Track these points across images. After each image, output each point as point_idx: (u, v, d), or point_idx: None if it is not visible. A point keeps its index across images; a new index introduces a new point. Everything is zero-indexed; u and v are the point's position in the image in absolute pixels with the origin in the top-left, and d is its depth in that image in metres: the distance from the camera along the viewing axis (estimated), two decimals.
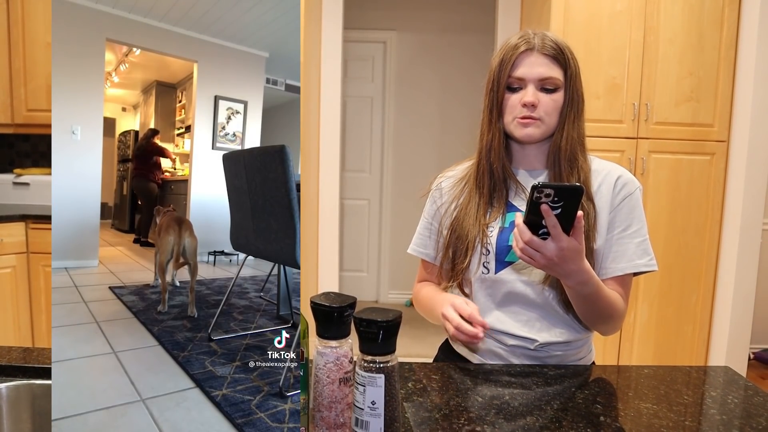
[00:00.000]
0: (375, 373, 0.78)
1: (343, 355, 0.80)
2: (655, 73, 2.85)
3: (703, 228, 2.95)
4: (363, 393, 0.78)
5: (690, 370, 1.23)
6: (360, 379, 0.79)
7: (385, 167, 4.85)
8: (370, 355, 0.78)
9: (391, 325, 0.77)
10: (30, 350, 1.14)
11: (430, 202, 1.36)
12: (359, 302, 0.84)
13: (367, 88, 4.81)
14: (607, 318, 1.18)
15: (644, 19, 2.82)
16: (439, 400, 1.01)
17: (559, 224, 0.96)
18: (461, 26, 4.63)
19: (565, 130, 1.20)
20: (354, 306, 0.81)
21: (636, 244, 1.21)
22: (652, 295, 2.96)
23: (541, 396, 1.03)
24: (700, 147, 2.91)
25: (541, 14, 3.03)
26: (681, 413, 0.97)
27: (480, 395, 1.04)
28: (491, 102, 1.21)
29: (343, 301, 0.80)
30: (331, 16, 3.49)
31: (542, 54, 1.17)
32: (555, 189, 0.92)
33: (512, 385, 1.08)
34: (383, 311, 0.79)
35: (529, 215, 0.97)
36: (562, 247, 0.98)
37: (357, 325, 0.78)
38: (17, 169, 3.29)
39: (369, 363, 0.78)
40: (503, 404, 0.99)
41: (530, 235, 0.99)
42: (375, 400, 0.78)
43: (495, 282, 1.23)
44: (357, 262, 4.95)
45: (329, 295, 0.81)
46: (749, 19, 2.80)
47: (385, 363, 0.78)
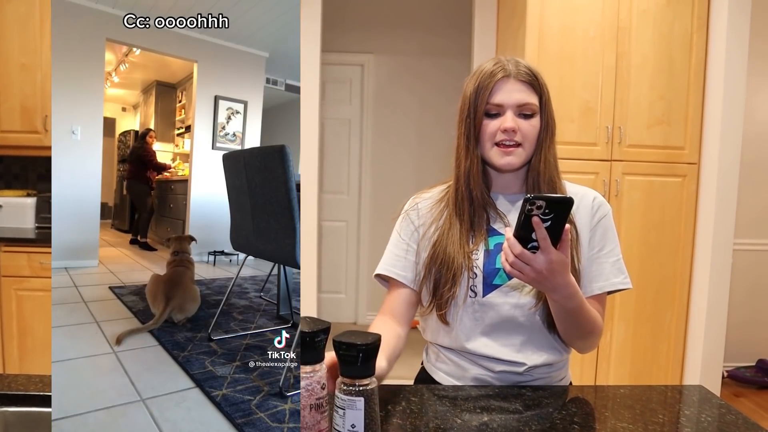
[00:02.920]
0: (355, 396, 0.78)
1: (315, 382, 0.79)
2: (627, 97, 2.91)
3: (676, 248, 3.00)
4: (343, 416, 0.78)
5: (665, 389, 1.24)
6: (340, 402, 0.78)
7: (363, 189, 4.86)
8: (349, 377, 0.78)
9: (370, 348, 0.77)
10: (3, 376, 1.11)
11: (406, 223, 1.31)
12: (338, 324, 0.84)
13: (345, 110, 4.84)
14: (587, 334, 1.19)
15: (616, 44, 2.89)
16: (419, 422, 1.01)
17: (548, 237, 0.97)
18: (438, 49, 4.69)
19: (542, 154, 1.21)
20: (327, 332, 0.80)
21: (611, 263, 1.23)
22: (627, 314, 3.00)
23: (520, 417, 1.03)
24: (671, 169, 2.97)
25: (516, 38, 3.09)
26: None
27: (459, 417, 1.03)
28: (467, 129, 1.21)
29: (316, 326, 0.79)
30: (309, 38, 3.52)
31: (518, 80, 1.18)
32: (546, 201, 0.94)
33: (491, 407, 1.08)
34: (363, 334, 0.79)
35: (520, 229, 0.98)
36: (551, 260, 0.99)
37: (336, 348, 0.78)
38: None
39: (348, 386, 0.78)
40: (482, 425, 0.99)
41: (521, 248, 0.99)
42: (355, 423, 0.78)
43: (483, 306, 1.21)
44: (335, 283, 4.92)
45: (303, 319, 0.81)
46: (717, 44, 2.88)
47: (364, 386, 0.78)
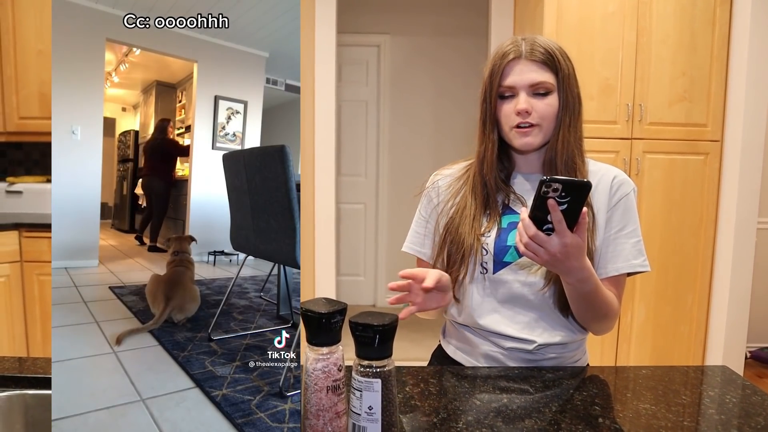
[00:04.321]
0: (372, 378, 0.77)
1: (332, 363, 0.79)
2: (648, 74, 2.86)
3: (698, 228, 2.95)
4: (360, 398, 0.78)
5: (687, 370, 1.22)
6: (356, 384, 0.78)
7: (381, 171, 4.85)
8: (366, 359, 0.78)
9: (387, 329, 0.77)
10: (24, 360, 1.13)
11: (426, 200, 1.34)
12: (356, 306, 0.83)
13: (361, 92, 4.81)
14: (602, 317, 1.18)
15: (637, 20, 2.83)
16: (437, 404, 1.00)
17: (564, 220, 0.95)
18: (455, 29, 4.64)
19: (561, 134, 1.18)
20: (344, 313, 0.79)
21: (632, 244, 1.21)
22: (648, 295, 2.97)
23: (539, 399, 1.03)
24: (693, 147, 2.91)
25: (534, 17, 3.04)
26: (679, 413, 0.97)
27: (478, 399, 1.03)
28: (485, 113, 1.21)
29: (332, 307, 0.79)
30: (324, 20, 3.49)
31: (530, 60, 1.16)
32: (563, 183, 0.92)
33: (509, 389, 1.07)
34: (379, 315, 0.79)
35: (535, 210, 0.96)
36: (566, 243, 0.98)
37: (353, 329, 0.77)
38: (10, 177, 3.27)
39: (365, 368, 0.78)
40: (501, 407, 0.98)
41: (535, 229, 0.98)
42: (372, 405, 0.77)
43: (493, 282, 1.22)
44: (354, 266, 4.94)
45: (319, 301, 0.81)
46: (741, 18, 2.81)
47: (381, 367, 0.78)
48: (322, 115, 3.53)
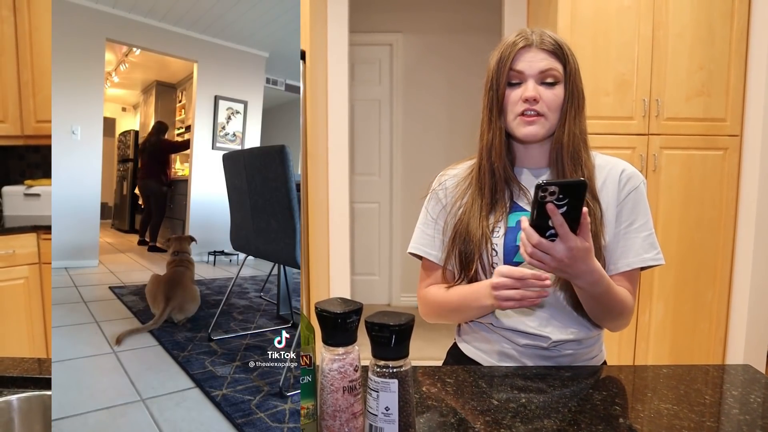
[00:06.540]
0: (388, 378, 0.77)
1: (348, 363, 0.78)
2: (664, 68, 2.82)
3: (717, 224, 2.91)
4: (376, 399, 0.77)
5: (709, 368, 1.20)
6: (373, 385, 0.77)
7: (395, 170, 4.84)
8: (383, 359, 0.77)
9: (403, 329, 0.76)
10: (43, 361, 1.14)
11: (434, 201, 1.32)
12: (371, 306, 0.82)
13: (374, 91, 4.81)
14: (617, 315, 1.17)
15: (652, 13, 2.79)
16: (455, 404, 0.99)
17: (566, 223, 0.94)
18: (467, 26, 4.62)
19: (567, 126, 1.18)
20: (360, 312, 0.79)
21: (642, 238, 1.20)
22: (667, 292, 2.93)
23: (558, 398, 1.01)
24: (712, 142, 2.87)
25: (548, 12, 3.01)
26: (702, 413, 0.95)
27: (495, 398, 1.02)
28: (491, 100, 1.20)
29: (347, 307, 0.78)
30: (336, 19, 3.49)
31: (541, 49, 1.16)
32: (559, 186, 0.91)
33: (527, 388, 1.06)
34: (395, 315, 0.78)
35: (535, 218, 0.95)
36: (571, 247, 0.97)
37: (369, 329, 0.77)
38: (28, 180, 3.31)
39: (382, 368, 0.77)
40: (519, 407, 0.97)
41: (538, 237, 0.97)
42: (389, 406, 0.77)
43: None
44: (368, 265, 4.93)
45: (334, 300, 0.80)
46: (760, 10, 2.76)
47: (398, 368, 0.77)
48: (336, 114, 3.52)
